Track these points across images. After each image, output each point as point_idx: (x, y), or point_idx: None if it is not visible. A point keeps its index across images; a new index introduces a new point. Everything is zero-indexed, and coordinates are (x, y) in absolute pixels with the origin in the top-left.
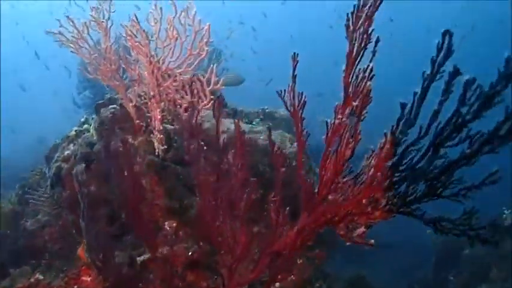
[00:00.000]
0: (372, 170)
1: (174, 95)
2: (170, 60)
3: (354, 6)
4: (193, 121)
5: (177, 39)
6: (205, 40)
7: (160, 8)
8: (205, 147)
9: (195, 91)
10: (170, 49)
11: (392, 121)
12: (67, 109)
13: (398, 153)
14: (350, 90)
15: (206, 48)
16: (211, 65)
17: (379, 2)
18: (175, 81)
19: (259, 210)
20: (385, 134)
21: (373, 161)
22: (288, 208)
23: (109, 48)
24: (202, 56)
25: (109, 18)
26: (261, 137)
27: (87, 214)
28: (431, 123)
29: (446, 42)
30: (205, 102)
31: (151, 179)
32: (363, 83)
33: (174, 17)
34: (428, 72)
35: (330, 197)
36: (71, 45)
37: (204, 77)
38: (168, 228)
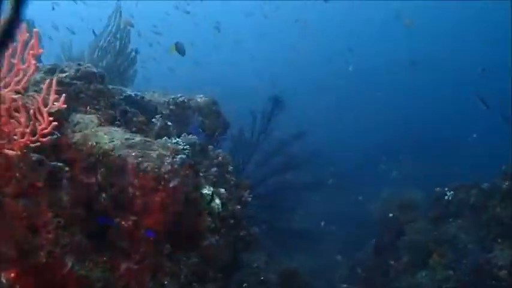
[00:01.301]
0: None
1: (7, 118)
2: None
3: None
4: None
5: None
6: (31, 52)
7: None
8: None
9: (32, 112)
10: None
11: None
12: None
13: None
14: None
15: (34, 62)
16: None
17: None
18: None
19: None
20: None
21: None
22: None
23: None
24: (32, 70)
25: None
26: (133, 154)
27: None
28: None
29: None
30: (43, 125)
31: None
32: None
33: None
34: None
35: None
36: None
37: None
38: (3, 281)
